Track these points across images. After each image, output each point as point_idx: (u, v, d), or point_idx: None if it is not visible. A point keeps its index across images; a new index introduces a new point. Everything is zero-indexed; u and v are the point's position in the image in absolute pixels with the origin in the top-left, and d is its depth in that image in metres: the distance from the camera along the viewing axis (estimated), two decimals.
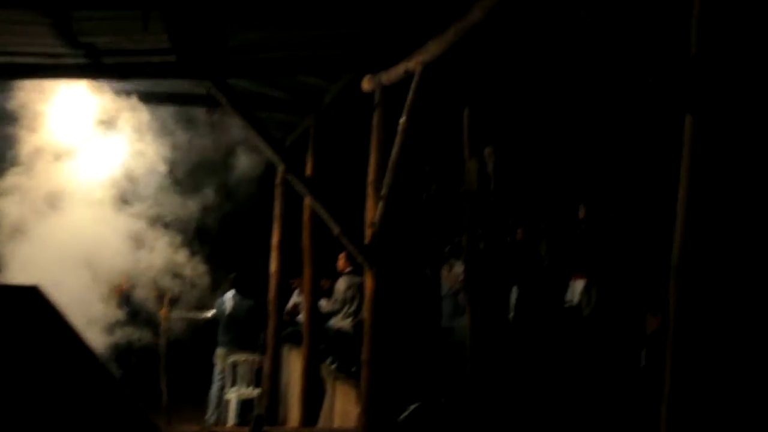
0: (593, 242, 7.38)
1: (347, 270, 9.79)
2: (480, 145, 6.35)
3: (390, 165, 5.76)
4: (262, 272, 10.29)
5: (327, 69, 6.76)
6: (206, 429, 9.18)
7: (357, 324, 9.56)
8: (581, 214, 7.53)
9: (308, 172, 8.46)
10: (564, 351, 7.25)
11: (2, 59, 6.12)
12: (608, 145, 7.63)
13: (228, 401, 10.39)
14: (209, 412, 10.41)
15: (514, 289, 8.04)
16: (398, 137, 5.62)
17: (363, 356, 6.18)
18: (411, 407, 6.41)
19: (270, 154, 6.45)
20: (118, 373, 6.95)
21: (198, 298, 10.27)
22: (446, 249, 8.34)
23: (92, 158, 8.38)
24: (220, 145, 9.17)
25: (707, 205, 2.97)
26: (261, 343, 10.61)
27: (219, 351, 10.59)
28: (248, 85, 7.66)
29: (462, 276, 7.83)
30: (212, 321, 11.06)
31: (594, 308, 7.44)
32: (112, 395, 5.48)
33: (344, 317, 9.71)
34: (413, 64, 5.29)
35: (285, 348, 10.76)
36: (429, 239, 7.87)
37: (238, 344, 10.53)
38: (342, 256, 9.70)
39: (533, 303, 7.96)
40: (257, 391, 10.48)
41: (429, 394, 6.89)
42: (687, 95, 2.97)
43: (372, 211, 6.12)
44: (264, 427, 7.43)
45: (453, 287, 9.59)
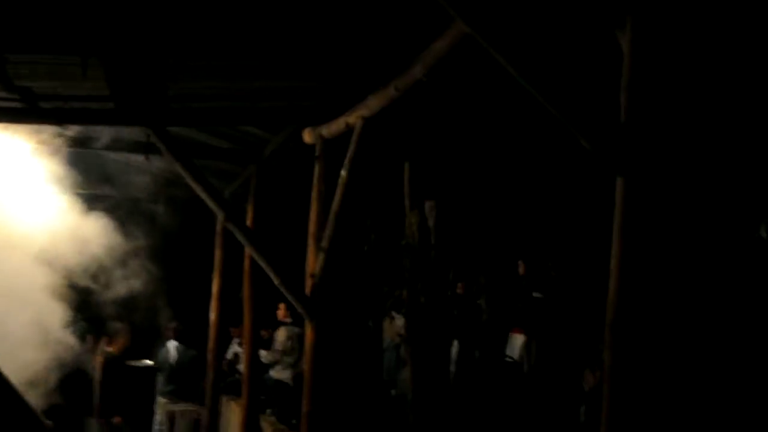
0: (532, 298, 7.44)
1: (287, 320, 9.69)
2: (420, 199, 6.39)
3: (331, 217, 5.74)
4: (202, 321, 10.12)
5: (268, 120, 6.75)
6: None
7: (297, 375, 9.44)
8: (521, 270, 7.60)
9: (249, 222, 8.39)
10: (504, 406, 7.24)
11: None
12: (547, 202, 7.73)
13: None
14: None
15: (455, 343, 8.05)
16: (339, 189, 5.62)
17: (303, 408, 6.09)
18: None
19: (210, 203, 6.38)
20: (50, 424, 6.71)
21: (137, 346, 10.07)
22: (388, 302, 8.32)
23: (25, 208, 8.22)
24: (159, 193, 9.08)
25: (639, 263, 3.06)
26: (201, 393, 10.40)
27: (160, 400, 10.34)
28: (189, 133, 7.60)
29: (403, 329, 7.81)
30: (150, 370, 10.82)
31: (534, 364, 7.47)
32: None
33: (284, 368, 9.57)
34: (353, 118, 5.32)
35: (224, 399, 10.55)
36: (370, 291, 7.83)
37: (180, 395, 10.32)
38: (282, 306, 9.61)
39: (474, 357, 7.97)
40: None
41: None
42: (618, 158, 3.07)
43: (313, 263, 6.08)
44: None
45: (394, 340, 9.56)
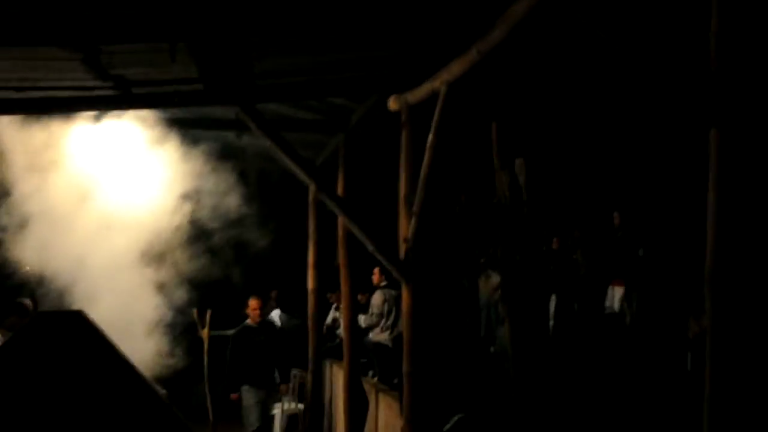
0: (630, 249, 7.33)
1: (382, 284, 9.84)
2: (509, 158, 6.36)
3: (420, 181, 5.76)
4: (300, 290, 10.37)
5: (353, 91, 6.79)
6: None
7: (396, 337, 9.60)
8: (616, 221, 7.49)
9: (340, 191, 8.51)
10: (607, 358, 7.19)
11: (37, 94, 6.25)
12: (640, 151, 7.57)
13: (273, 416, 10.47)
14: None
15: (553, 298, 8.01)
16: (427, 154, 5.63)
17: (404, 369, 6.19)
18: (454, 418, 6.40)
19: (301, 175, 6.49)
20: (164, 393, 7.04)
21: (240, 317, 10.41)
22: (482, 260, 8.34)
23: (131, 186, 8.57)
24: (253, 168, 9.29)
25: (736, 211, 3.02)
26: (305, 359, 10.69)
27: None
28: (276, 108, 7.73)
29: (499, 286, 7.83)
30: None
31: (635, 315, 7.38)
32: (158, 413, 5.60)
33: (382, 331, 9.75)
34: (438, 84, 5.31)
35: (326, 363, 10.82)
36: (464, 251, 7.87)
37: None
38: (376, 271, 9.76)
39: (573, 311, 7.92)
40: (302, 406, 10.55)
41: (472, 405, 6.88)
42: (710, 109, 3.01)
43: (405, 227, 6.13)
44: None
45: (491, 298, 9.59)
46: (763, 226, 3.08)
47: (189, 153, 8.34)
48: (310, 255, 10.05)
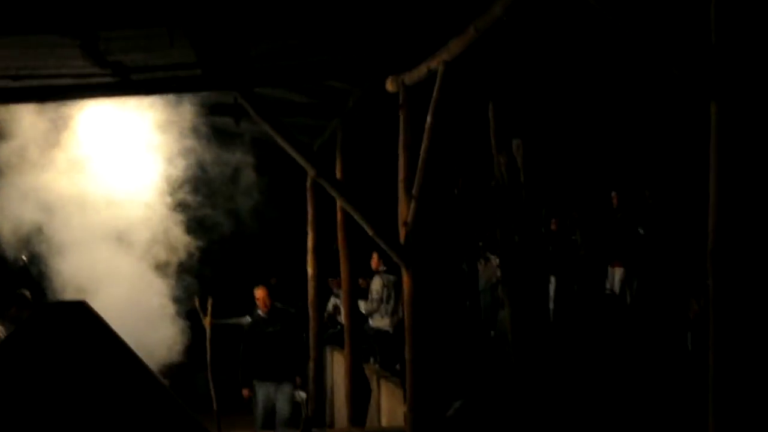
0: (629, 229, 7.34)
1: (381, 269, 9.86)
2: (507, 139, 6.35)
3: (419, 164, 5.76)
4: (300, 276, 10.38)
5: (349, 73, 6.78)
6: None
7: (396, 322, 9.62)
8: (614, 201, 7.49)
9: (338, 175, 8.51)
10: (608, 339, 7.21)
11: (36, 82, 6.24)
12: (636, 131, 7.58)
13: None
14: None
15: (553, 280, 8.03)
16: (425, 136, 5.63)
17: (406, 355, 6.20)
18: (457, 403, 6.42)
19: (299, 160, 6.49)
20: (167, 381, 7.05)
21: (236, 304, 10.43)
22: (480, 243, 8.36)
23: (130, 171, 8.56)
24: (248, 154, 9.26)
25: (737, 189, 3.00)
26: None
27: None
28: (272, 92, 7.72)
29: (498, 269, 7.84)
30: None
31: (636, 295, 7.39)
32: (162, 403, 5.61)
33: (383, 317, 9.78)
34: (435, 63, 5.30)
35: (328, 350, 10.84)
36: (463, 235, 7.88)
37: None
38: (375, 256, 9.77)
39: (573, 292, 7.94)
40: (303, 394, 10.57)
41: (474, 390, 6.90)
42: (710, 83, 3.00)
43: (404, 211, 6.12)
44: (313, 429, 7.50)
45: (490, 281, 9.62)
46: (765, 203, 3.07)
47: (187, 139, 8.33)
48: (309, 240, 10.06)
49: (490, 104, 6.39)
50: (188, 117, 8.04)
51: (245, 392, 9.09)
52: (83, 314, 5.76)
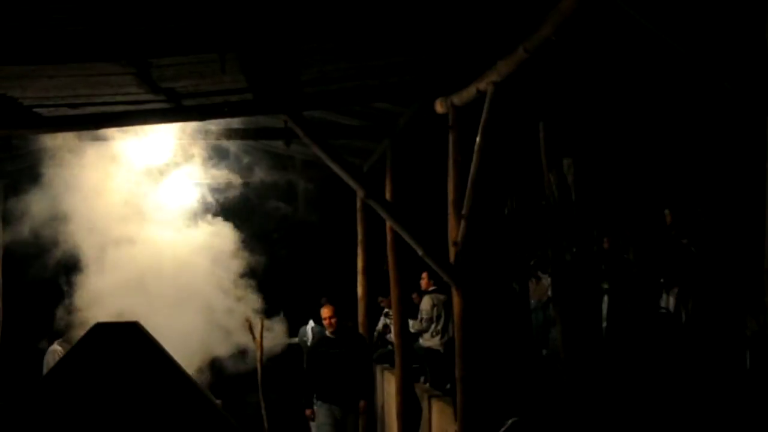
0: (683, 246, 7.22)
1: (430, 288, 9.85)
2: (558, 158, 6.32)
3: (469, 184, 5.76)
4: (350, 297, 10.41)
5: (398, 95, 6.83)
6: None
7: (447, 342, 9.59)
8: (668, 219, 7.38)
9: (388, 196, 8.54)
10: (664, 359, 7.08)
11: (92, 109, 6.40)
12: (689, 148, 7.47)
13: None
14: None
15: (605, 299, 7.93)
16: (475, 156, 5.63)
17: (456, 374, 6.18)
18: (508, 422, 6.37)
19: (349, 182, 6.53)
20: (218, 402, 7.13)
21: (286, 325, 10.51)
22: (531, 262, 8.29)
23: (174, 195, 8.74)
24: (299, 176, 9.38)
25: None
26: None
27: None
28: (322, 115, 7.80)
29: (550, 288, 7.77)
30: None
31: (691, 314, 7.25)
32: (215, 423, 5.67)
33: (433, 336, 9.75)
34: (484, 84, 5.30)
35: (378, 369, 10.84)
36: (513, 254, 7.83)
37: None
38: (424, 276, 9.77)
39: (627, 312, 7.81)
40: None
41: (525, 409, 6.83)
42: (764, 97, 2.95)
43: (454, 231, 6.12)
44: None
45: (541, 299, 9.54)
46: None
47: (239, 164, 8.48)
48: (359, 261, 10.10)
49: (540, 124, 6.37)
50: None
51: (308, 413, 8.73)
52: (136, 334, 5.88)
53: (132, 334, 5.90)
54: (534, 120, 6.35)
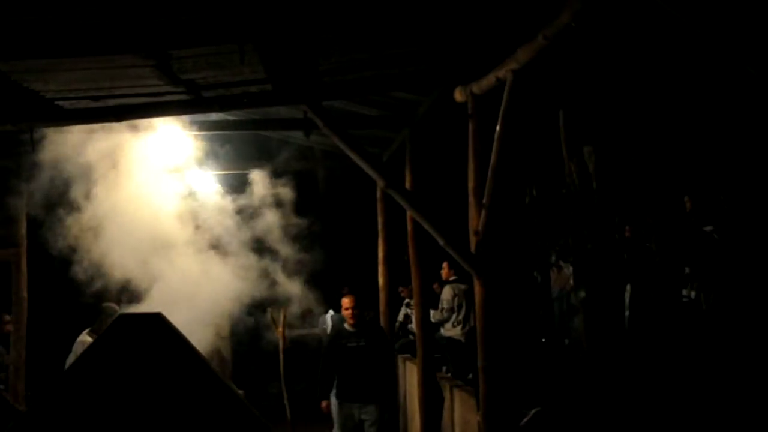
0: (707, 234, 7.17)
1: (451, 278, 9.84)
2: (578, 146, 6.29)
3: (489, 172, 5.73)
4: (370, 286, 10.43)
5: (417, 84, 6.80)
6: None
7: (468, 331, 9.59)
8: (688, 206, 7.33)
9: (408, 185, 8.52)
10: (687, 348, 7.04)
11: (113, 102, 6.45)
12: (710, 134, 7.40)
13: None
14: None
15: (628, 287, 7.89)
16: (495, 145, 5.60)
17: (479, 364, 6.17)
18: (531, 412, 6.36)
19: (369, 171, 6.53)
20: (241, 392, 7.17)
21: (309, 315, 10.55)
22: (553, 251, 8.28)
23: (195, 190, 8.79)
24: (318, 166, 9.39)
25: None
26: None
27: None
28: (342, 105, 7.80)
29: (572, 277, 7.75)
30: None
31: (713, 302, 7.20)
32: (237, 412, 5.71)
33: (454, 326, 9.76)
34: (504, 72, 5.27)
35: (400, 359, 10.86)
36: (535, 243, 7.81)
37: None
38: (445, 266, 9.76)
39: (649, 300, 7.77)
40: None
41: (548, 398, 6.82)
42: None
43: (475, 220, 6.10)
44: None
45: (563, 289, 9.51)
46: None
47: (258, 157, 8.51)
48: (380, 251, 10.10)
49: (560, 111, 6.34)
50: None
51: (324, 405, 8.50)
52: (160, 325, 5.93)
53: (156, 325, 5.95)
54: (554, 108, 6.32)
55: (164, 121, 8.02)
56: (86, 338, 7.73)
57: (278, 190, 8.87)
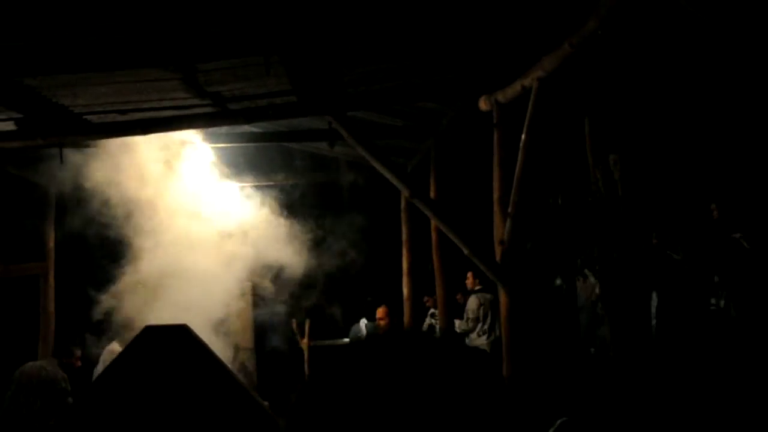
0: (735, 241, 7.09)
1: (476, 288, 9.80)
2: (604, 154, 6.25)
3: (515, 182, 5.73)
4: (395, 297, 10.42)
5: (441, 94, 6.81)
6: None
7: (493, 341, 9.54)
8: (715, 214, 7.25)
9: (432, 195, 8.52)
10: (715, 357, 6.96)
11: (140, 115, 6.51)
12: (736, 142, 7.34)
13: None
14: None
15: (654, 296, 7.80)
16: (520, 153, 5.60)
17: (504, 373, 6.15)
18: (557, 422, 6.31)
19: (394, 181, 6.54)
20: (266, 404, 7.19)
21: (336, 326, 10.55)
22: (579, 260, 8.21)
23: (220, 201, 8.83)
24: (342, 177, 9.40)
25: None
26: None
27: None
28: (366, 116, 7.82)
29: (598, 286, 7.68)
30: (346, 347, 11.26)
31: (744, 310, 7.11)
32: (262, 423, 5.72)
33: (479, 335, 9.70)
34: (529, 81, 5.27)
35: None
36: (560, 252, 7.76)
37: None
38: (470, 275, 9.72)
39: (676, 309, 7.68)
40: None
41: (574, 408, 6.77)
42: None
43: (500, 229, 6.10)
44: None
45: (589, 298, 9.43)
46: None
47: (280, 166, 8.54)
48: (404, 261, 10.09)
49: (586, 119, 6.31)
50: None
51: None
52: (185, 336, 5.97)
53: (181, 337, 5.99)
54: (579, 116, 6.28)
55: (190, 134, 8.09)
56: (116, 347, 7.78)
57: (301, 201, 8.90)
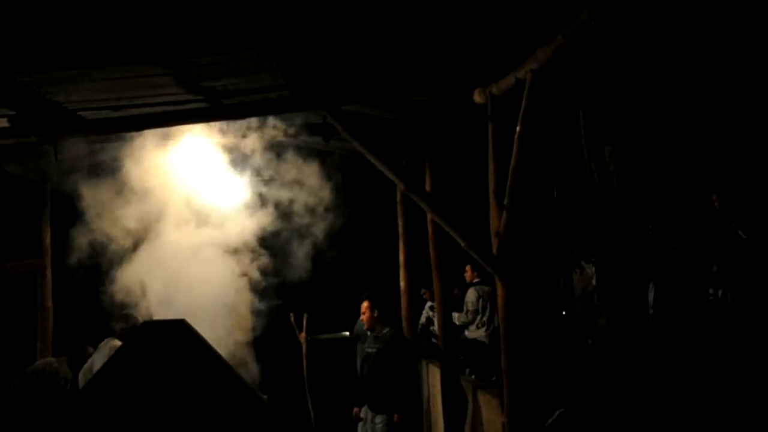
0: (731, 230, 7.09)
1: (475, 281, 9.83)
2: (599, 145, 6.26)
3: (510, 174, 5.73)
4: (392, 290, 10.43)
5: (436, 87, 6.80)
6: None
7: (492, 333, 9.57)
8: (716, 205, 7.25)
9: (428, 188, 8.52)
10: (713, 346, 6.98)
11: (133, 111, 6.49)
12: (735, 131, 7.34)
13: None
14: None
15: (651, 287, 7.82)
16: (515, 145, 5.60)
17: (502, 365, 6.16)
18: (556, 413, 6.33)
19: (389, 174, 6.54)
20: (265, 397, 7.20)
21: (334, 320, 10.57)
22: (575, 251, 8.22)
23: (217, 193, 8.82)
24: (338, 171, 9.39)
25: None
26: None
27: None
28: (361, 110, 7.81)
29: (594, 277, 7.70)
30: (349, 340, 11.29)
31: (741, 299, 7.12)
32: (262, 418, 5.73)
33: (478, 327, 9.75)
34: (523, 73, 5.26)
35: (422, 362, 10.85)
36: (556, 243, 7.77)
37: None
38: (468, 268, 9.75)
39: (673, 299, 7.70)
40: None
41: (573, 399, 6.79)
42: None
43: (496, 221, 6.10)
44: None
45: (586, 289, 9.45)
46: None
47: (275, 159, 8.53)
48: (401, 254, 10.10)
49: (580, 111, 6.31)
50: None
51: (355, 411, 8.24)
52: (183, 331, 5.98)
53: (180, 332, 6.00)
54: (574, 107, 6.28)
55: (188, 129, 8.07)
56: (117, 343, 7.79)
57: (297, 195, 8.89)
